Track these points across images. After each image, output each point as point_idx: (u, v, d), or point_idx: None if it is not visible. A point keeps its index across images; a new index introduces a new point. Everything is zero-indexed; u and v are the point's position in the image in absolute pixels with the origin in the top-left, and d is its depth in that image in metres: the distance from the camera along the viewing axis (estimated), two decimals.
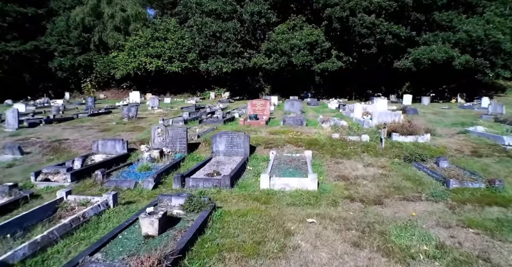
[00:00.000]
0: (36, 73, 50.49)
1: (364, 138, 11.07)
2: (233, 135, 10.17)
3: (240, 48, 37.26)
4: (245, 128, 14.42)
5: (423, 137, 11.12)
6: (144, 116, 21.61)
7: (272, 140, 11.45)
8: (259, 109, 18.00)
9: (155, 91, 48.75)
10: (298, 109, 21.57)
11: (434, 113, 22.66)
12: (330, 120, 15.33)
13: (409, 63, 33.27)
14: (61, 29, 48.89)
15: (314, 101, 31.13)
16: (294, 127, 14.51)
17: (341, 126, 12.84)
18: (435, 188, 7.42)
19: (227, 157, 10.10)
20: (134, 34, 46.89)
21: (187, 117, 17.69)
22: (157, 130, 10.84)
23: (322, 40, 34.04)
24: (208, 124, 15.82)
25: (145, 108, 27.74)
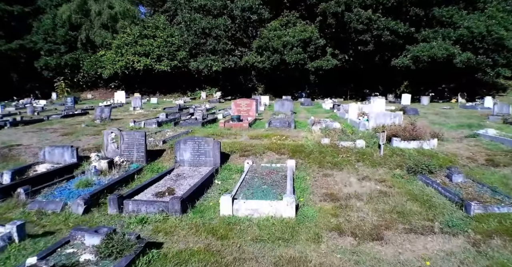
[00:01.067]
0: (23, 73, 48.64)
1: (359, 144, 9.30)
2: (201, 141, 8.38)
3: (231, 46, 35.48)
4: (225, 131, 12.66)
5: (429, 142, 9.35)
6: (120, 117, 19.85)
7: (251, 146, 9.67)
8: (244, 109, 16.25)
9: (144, 91, 46.98)
10: (288, 109, 19.81)
11: (435, 114, 20.94)
12: (322, 122, 13.57)
13: (407, 61, 31.54)
14: (47, 27, 47.05)
15: (308, 101, 29.37)
16: (280, 131, 12.75)
17: (333, 129, 11.08)
18: (450, 213, 5.64)
19: (193, 168, 8.31)
20: (122, 32, 45.02)
21: (164, 119, 15.92)
22: (110, 136, 9.05)
23: (316, 37, 32.25)
24: (184, 127, 14.05)
25: (127, 109, 25.98)
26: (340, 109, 19.77)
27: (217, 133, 12.07)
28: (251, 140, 10.75)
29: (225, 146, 9.71)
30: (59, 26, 47.33)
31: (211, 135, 11.82)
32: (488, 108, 24.09)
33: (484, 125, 15.35)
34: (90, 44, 48.72)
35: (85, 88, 50.60)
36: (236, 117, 14.35)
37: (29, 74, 48.42)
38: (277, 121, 13.83)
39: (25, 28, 48.37)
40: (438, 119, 18.00)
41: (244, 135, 11.84)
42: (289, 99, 21.70)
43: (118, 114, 22.49)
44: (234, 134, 12.08)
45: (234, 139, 11.10)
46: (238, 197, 5.90)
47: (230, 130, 13.09)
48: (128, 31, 43.78)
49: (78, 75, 48.78)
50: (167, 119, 15.89)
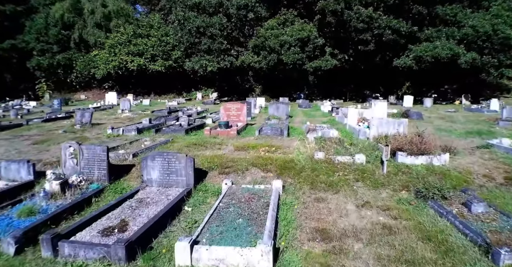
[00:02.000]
0: (16, 73, 47.43)
1: (358, 159, 8.00)
2: (171, 157, 7.11)
3: (226, 45, 34.19)
4: (209, 140, 11.39)
5: (439, 157, 8.05)
6: (104, 122, 18.60)
7: (233, 161, 8.40)
8: (234, 114, 14.96)
9: (139, 92, 45.80)
10: (284, 113, 18.54)
11: (441, 118, 19.67)
12: (318, 129, 12.29)
13: (410, 61, 30.28)
14: (39, 26, 45.87)
15: (306, 103, 28.10)
16: (271, 139, 11.48)
17: (329, 140, 9.79)
18: (473, 263, 4.36)
19: (162, 189, 7.05)
20: (115, 31, 43.75)
21: (146, 125, 14.67)
22: (69, 150, 7.78)
23: (314, 36, 30.94)
24: (166, 134, 12.78)
25: (115, 111, 24.73)
26: (339, 113, 18.49)
27: (200, 142, 10.81)
28: (236, 152, 9.47)
29: (204, 160, 8.45)
30: (51, 26, 46.15)
31: (193, 144, 10.58)
32: (495, 112, 22.96)
33: (495, 132, 14.09)
34: (83, 43, 47.50)
35: (79, 88, 49.39)
36: (224, 123, 13.07)
37: (22, 74, 47.23)
38: (269, 128, 12.54)
39: (18, 28, 47.17)
40: (444, 124, 16.72)
41: (230, 144, 10.57)
42: (285, 102, 20.45)
43: (104, 117, 21.29)
44: (219, 143, 10.82)
45: (217, 150, 9.83)
46: (202, 238, 4.62)
47: (215, 138, 11.82)
48: (122, 30, 42.54)
49: (71, 75, 47.57)
50: (150, 125, 14.62)
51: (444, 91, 37.68)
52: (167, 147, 10.19)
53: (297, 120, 18.56)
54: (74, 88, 49.37)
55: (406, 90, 37.21)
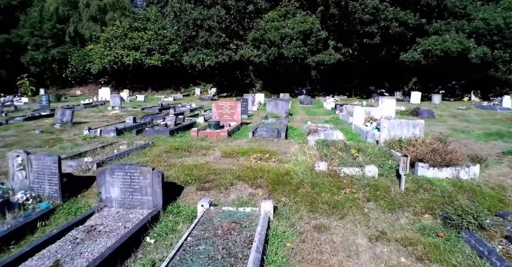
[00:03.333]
0: (11, 68, 46.00)
1: (369, 171, 6.55)
2: (133, 171, 5.68)
3: (225, 39, 32.68)
4: (195, 143, 9.99)
5: (467, 169, 6.60)
6: (88, 120, 17.25)
7: (216, 173, 6.97)
8: (227, 113, 13.54)
9: (136, 87, 44.47)
10: (283, 111, 17.14)
11: (453, 116, 18.20)
12: (320, 130, 10.85)
13: (418, 55, 28.76)
14: (34, 20, 44.57)
15: (308, 100, 26.61)
16: (267, 142, 10.07)
17: (333, 144, 8.35)
18: None
19: (123, 211, 5.64)
20: (111, 25, 42.28)
21: (129, 124, 13.29)
22: (17, 160, 6.37)
23: (317, 29, 29.37)
24: (148, 136, 11.38)
25: (105, 108, 23.35)
26: (343, 110, 17.04)
27: (183, 146, 9.40)
28: (222, 160, 8.06)
29: (181, 171, 7.04)
30: (46, 19, 44.89)
31: (175, 149, 9.17)
32: (508, 109, 21.61)
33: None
34: (78, 37, 46.11)
35: (74, 84, 48.10)
36: (214, 124, 11.64)
37: (17, 70, 45.80)
38: (264, 129, 11.10)
39: (12, 22, 45.78)
40: (459, 124, 15.25)
41: (218, 149, 9.15)
42: (284, 98, 19.00)
43: (91, 115, 19.96)
44: (205, 148, 9.41)
45: (201, 157, 8.42)
46: None
47: (203, 141, 10.42)
48: (118, 23, 41.08)
49: (66, 70, 46.27)
50: (133, 124, 13.22)
51: (452, 87, 36.11)
52: (144, 153, 8.77)
53: (298, 118, 17.12)
54: (70, 83, 48.06)
55: (413, 86, 35.68)
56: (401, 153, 7.78)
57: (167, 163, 7.65)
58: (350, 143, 9.00)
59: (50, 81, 48.03)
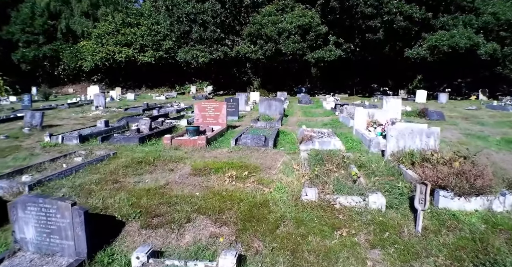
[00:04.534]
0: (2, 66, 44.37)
1: (374, 202, 4.86)
2: (49, 207, 4.06)
3: (220, 34, 30.99)
4: (166, 154, 8.35)
5: (503, 199, 4.92)
6: (62, 123, 15.63)
7: (172, 202, 5.30)
8: (210, 115, 11.90)
9: (129, 85, 42.93)
10: (277, 112, 15.49)
11: (464, 118, 16.52)
12: (315, 137, 9.21)
13: (424, 51, 27.06)
14: (25, 16, 42.90)
15: (306, 98, 24.95)
16: (251, 153, 8.43)
17: (328, 159, 6.69)
18: None
19: (39, 260, 4.03)
20: (103, 20, 40.66)
21: (100, 129, 11.65)
22: None
23: (317, 23, 27.66)
24: (115, 144, 9.75)
25: (89, 108, 21.74)
26: (343, 111, 15.36)
27: (149, 159, 7.77)
28: (188, 179, 6.42)
29: (128, 199, 5.39)
30: (37, 15, 43.38)
31: (137, 162, 7.54)
32: None
33: None
34: (71, 34, 44.56)
35: (67, 82, 46.54)
36: (193, 129, 9.99)
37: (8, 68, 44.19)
38: (249, 136, 9.42)
39: (4, 19, 44.10)
40: (472, 127, 13.57)
41: (189, 163, 7.51)
42: (279, 98, 17.33)
43: (71, 116, 18.31)
44: (175, 160, 7.78)
45: (166, 174, 6.79)
46: None
47: (176, 151, 8.78)
48: (110, 18, 39.43)
49: (58, 68, 44.66)
50: (102, 129, 11.56)
51: (458, 85, 34.37)
52: (97, 169, 7.13)
53: (293, 120, 15.46)
54: (62, 81, 46.53)
55: (418, 84, 33.94)
56: (413, 171, 6.14)
57: (115, 186, 6.02)
58: (350, 155, 7.34)
59: (42, 79, 46.50)
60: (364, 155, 8.28)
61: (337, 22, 29.80)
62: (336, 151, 8.18)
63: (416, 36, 28.52)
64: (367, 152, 8.57)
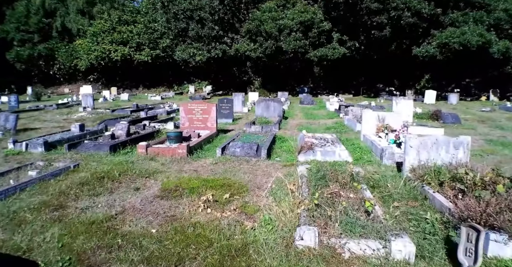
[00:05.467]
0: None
1: (398, 251, 3.43)
2: None
3: (218, 32, 29.54)
4: (139, 165, 6.98)
5: None
6: (41, 126, 14.33)
7: (117, 243, 3.87)
8: (198, 118, 10.48)
9: (126, 85, 41.61)
10: (276, 114, 14.08)
11: (480, 121, 15.07)
12: (316, 145, 7.79)
13: (433, 49, 25.51)
14: (20, 14, 41.68)
15: (308, 99, 23.52)
16: (239, 165, 7.01)
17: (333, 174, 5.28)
18: None
19: None
20: (99, 18, 39.33)
21: (74, 134, 10.26)
22: None
23: (319, 20, 26.17)
24: (83, 152, 8.35)
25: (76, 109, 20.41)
26: (348, 113, 13.90)
27: (113, 174, 6.37)
28: (152, 204, 4.99)
29: (62, 234, 3.99)
30: (33, 13, 42.11)
31: (98, 178, 6.14)
32: None
33: None
34: (66, 32, 43.33)
35: (63, 81, 45.27)
36: (174, 135, 8.58)
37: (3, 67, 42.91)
38: (239, 144, 7.98)
39: None
40: (492, 132, 12.13)
41: (161, 180, 6.11)
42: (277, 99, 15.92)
43: (54, 118, 17.00)
44: (145, 175, 6.39)
45: (129, 195, 5.39)
46: None
47: (151, 162, 7.38)
48: (106, 16, 38.08)
49: (54, 67, 43.39)
50: (77, 134, 10.17)
51: (466, 85, 32.78)
52: (46, 187, 5.72)
53: (293, 123, 14.01)
54: (58, 81, 45.27)
55: (425, 84, 32.39)
56: (443, 195, 4.71)
57: (55, 214, 4.61)
58: (360, 171, 5.89)
59: (37, 78, 45.26)
60: (375, 167, 6.86)
61: (341, 18, 28.28)
62: (342, 163, 6.78)
63: (424, 33, 27.02)
64: (379, 164, 7.15)
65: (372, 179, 5.78)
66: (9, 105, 22.57)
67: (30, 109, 20.78)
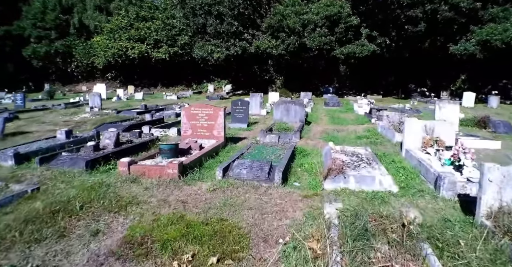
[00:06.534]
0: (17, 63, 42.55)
1: None
2: None
3: (238, 27, 27.76)
4: (113, 191, 5.29)
5: None
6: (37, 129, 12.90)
7: None
8: (202, 125, 8.72)
9: (144, 83, 40.36)
10: (297, 118, 12.24)
11: None
12: (347, 169, 5.93)
13: (472, 47, 23.07)
14: (36, 11, 40.98)
15: (334, 100, 21.54)
16: (243, 196, 5.21)
17: (380, 224, 3.48)
18: None
19: None
20: (116, 14, 38.14)
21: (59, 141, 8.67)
22: None
23: (347, 14, 24.02)
24: (58, 167, 6.74)
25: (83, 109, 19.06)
26: (382, 119, 11.88)
27: (74, 207, 4.68)
28: None
29: None
30: (49, 9, 41.31)
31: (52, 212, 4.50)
32: None
33: None
34: (84, 29, 42.35)
35: (81, 79, 44.45)
36: (168, 148, 6.83)
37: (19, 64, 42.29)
38: (247, 163, 6.13)
39: (15, 13, 42.26)
40: None
41: (131, 220, 4.39)
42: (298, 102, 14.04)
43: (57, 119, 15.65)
44: (116, 209, 4.69)
45: (74, 251, 3.69)
46: None
47: (132, 185, 5.67)
48: (123, 12, 36.81)
49: (71, 64, 42.49)
50: (60, 143, 8.53)
51: (503, 87, 29.98)
52: None
53: (317, 130, 12.08)
54: (76, 79, 44.46)
55: (461, 84, 29.84)
56: None
57: None
58: (416, 217, 4.01)
59: (55, 76, 44.54)
60: (430, 202, 4.99)
61: (371, 12, 26.05)
62: (385, 194, 4.92)
63: (460, 29, 24.60)
64: (434, 196, 5.24)
65: (433, 229, 3.90)
66: (15, 105, 21.48)
67: (35, 109, 19.56)
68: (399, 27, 25.71)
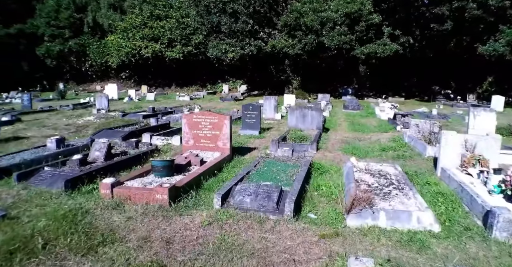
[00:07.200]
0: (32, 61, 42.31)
1: None
2: None
3: (254, 26, 26.72)
4: (92, 221, 4.30)
5: None
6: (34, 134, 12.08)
7: None
8: (206, 135, 7.69)
9: (159, 83, 39.69)
10: (314, 125, 11.18)
11: None
12: (375, 199, 4.85)
13: (502, 48, 21.56)
14: (50, 9, 40.65)
15: (354, 103, 20.37)
16: (244, 234, 4.15)
17: None
18: None
19: None
20: (130, 13, 37.51)
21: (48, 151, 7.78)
22: None
23: (368, 11, 22.71)
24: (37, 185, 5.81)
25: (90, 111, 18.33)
26: (409, 127, 10.61)
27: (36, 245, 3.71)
28: None
29: None
30: (63, 8, 40.95)
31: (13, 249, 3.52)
32: None
33: None
34: (98, 27, 41.88)
35: (95, 78, 44.04)
36: (162, 165, 5.82)
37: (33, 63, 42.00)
38: (251, 188, 5.04)
39: (28, 11, 41.98)
40: None
41: None
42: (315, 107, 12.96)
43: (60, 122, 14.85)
44: (82, 249, 3.70)
45: None
46: None
47: (113, 213, 4.68)
48: (137, 11, 36.14)
49: (85, 64, 42.07)
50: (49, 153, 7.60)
51: None
52: None
53: (337, 139, 10.92)
54: (90, 78, 44.08)
55: (488, 87, 28.24)
56: None
57: None
58: None
59: (70, 75, 44.21)
60: (481, 246, 3.88)
61: (394, 10, 24.67)
62: (423, 237, 3.82)
63: (488, 29, 23.10)
64: (484, 237, 4.11)
65: None
66: (22, 105, 20.87)
67: (41, 110, 18.89)
68: (423, 25, 24.33)
